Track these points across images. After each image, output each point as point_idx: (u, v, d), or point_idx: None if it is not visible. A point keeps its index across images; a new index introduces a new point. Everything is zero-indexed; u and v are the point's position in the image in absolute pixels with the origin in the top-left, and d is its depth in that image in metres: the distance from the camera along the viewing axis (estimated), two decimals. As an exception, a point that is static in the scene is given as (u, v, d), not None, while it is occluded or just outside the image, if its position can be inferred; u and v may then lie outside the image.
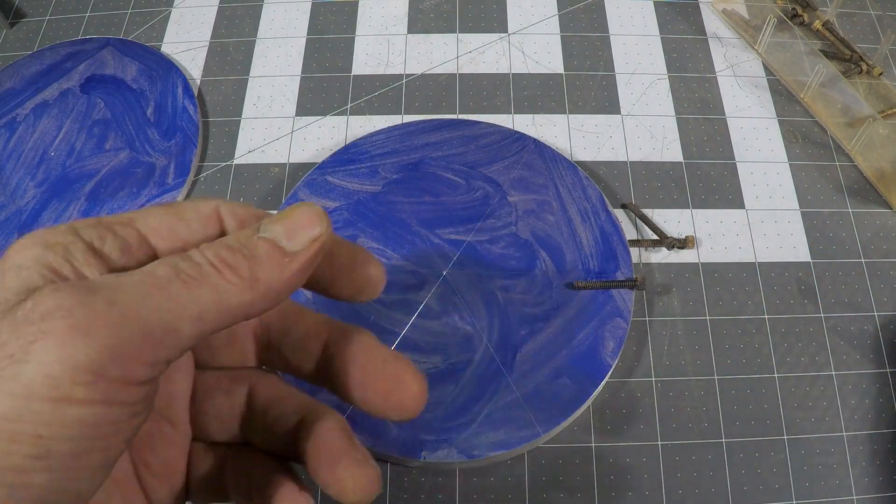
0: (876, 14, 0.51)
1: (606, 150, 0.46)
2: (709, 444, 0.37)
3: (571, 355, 0.37)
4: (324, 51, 0.50)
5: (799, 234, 0.43)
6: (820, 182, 0.45)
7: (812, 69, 0.46)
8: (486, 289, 0.39)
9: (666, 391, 0.38)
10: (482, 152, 0.43)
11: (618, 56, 0.50)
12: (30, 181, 0.45)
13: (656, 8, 0.52)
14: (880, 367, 0.39)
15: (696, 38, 0.51)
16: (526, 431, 0.36)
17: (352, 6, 0.52)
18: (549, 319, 0.38)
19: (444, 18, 0.52)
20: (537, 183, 0.42)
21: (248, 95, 0.48)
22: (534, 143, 0.44)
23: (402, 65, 0.49)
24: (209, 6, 0.53)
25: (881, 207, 0.44)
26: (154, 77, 0.48)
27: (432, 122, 0.45)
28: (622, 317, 0.38)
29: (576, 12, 0.52)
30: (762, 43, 0.49)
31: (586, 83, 0.48)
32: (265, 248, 0.17)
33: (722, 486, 0.36)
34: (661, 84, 0.48)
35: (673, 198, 0.44)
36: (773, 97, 0.48)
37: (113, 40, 0.50)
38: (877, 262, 0.42)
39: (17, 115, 0.47)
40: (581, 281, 0.39)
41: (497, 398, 0.36)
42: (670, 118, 0.47)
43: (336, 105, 0.48)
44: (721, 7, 0.52)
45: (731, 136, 0.46)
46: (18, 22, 0.53)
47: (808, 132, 0.47)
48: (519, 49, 0.50)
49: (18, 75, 0.49)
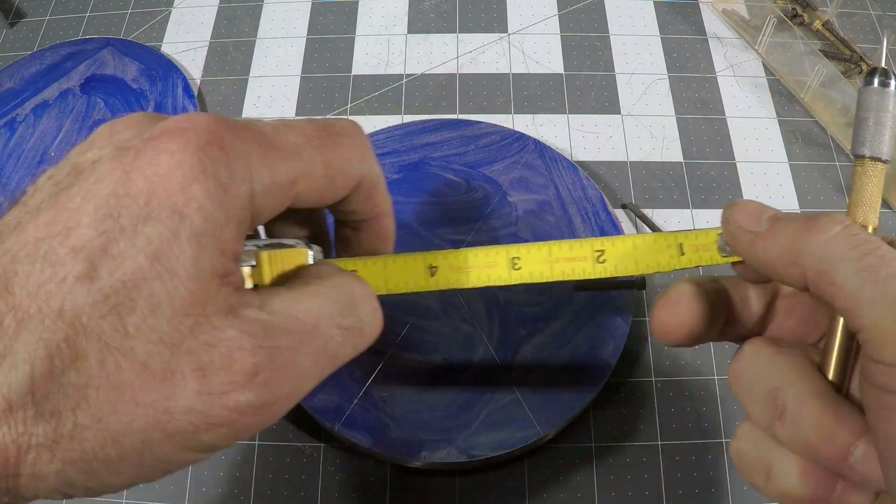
0: (876, 14, 0.51)
1: (606, 150, 0.46)
2: (709, 444, 0.37)
3: (571, 355, 0.37)
4: (324, 51, 0.50)
5: (799, 234, 0.43)
6: (820, 182, 0.45)
7: (812, 69, 0.46)
8: (486, 289, 0.39)
9: (666, 391, 0.38)
10: (482, 152, 0.43)
11: (618, 56, 0.50)
12: (30, 181, 0.45)
13: (656, 8, 0.52)
14: (880, 367, 0.39)
15: (696, 38, 0.51)
16: (526, 431, 0.36)
17: (352, 6, 0.52)
18: (549, 319, 0.38)
19: (444, 18, 0.52)
20: (537, 183, 0.42)
21: (248, 95, 0.48)
22: (534, 143, 0.44)
23: (402, 65, 0.49)
24: (209, 6, 0.53)
25: (881, 207, 0.44)
26: (154, 77, 0.48)
27: (432, 122, 0.45)
28: (622, 317, 0.38)
29: (576, 12, 0.52)
30: (762, 43, 0.49)
31: (586, 83, 0.48)
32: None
33: (722, 486, 0.36)
34: (661, 84, 0.48)
35: (673, 198, 0.44)
36: (773, 97, 0.48)
37: (113, 40, 0.51)
38: (877, 262, 0.42)
39: (18, 115, 0.47)
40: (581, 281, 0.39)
41: (497, 398, 0.36)
42: (670, 118, 0.47)
43: (336, 105, 0.48)
44: (721, 7, 0.52)
45: (731, 136, 0.46)
46: (18, 22, 0.53)
47: (808, 132, 0.47)
48: (519, 49, 0.50)
49: (18, 75, 0.49)
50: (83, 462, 0.18)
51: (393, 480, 0.37)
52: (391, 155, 0.43)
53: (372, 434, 0.36)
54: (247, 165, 0.20)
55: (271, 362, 0.19)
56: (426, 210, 0.42)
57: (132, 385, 0.18)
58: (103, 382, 0.18)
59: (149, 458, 0.19)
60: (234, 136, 0.20)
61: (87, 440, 0.18)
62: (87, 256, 0.18)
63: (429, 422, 0.36)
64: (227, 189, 0.19)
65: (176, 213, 0.19)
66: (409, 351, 0.38)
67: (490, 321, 0.39)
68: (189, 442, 0.19)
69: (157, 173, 0.19)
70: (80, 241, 0.18)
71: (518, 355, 0.38)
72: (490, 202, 0.42)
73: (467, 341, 0.38)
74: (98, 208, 0.19)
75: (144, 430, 0.18)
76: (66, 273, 0.18)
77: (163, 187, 0.19)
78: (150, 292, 0.18)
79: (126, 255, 0.18)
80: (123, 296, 0.18)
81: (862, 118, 0.24)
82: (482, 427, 0.36)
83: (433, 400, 0.37)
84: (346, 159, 0.23)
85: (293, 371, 0.20)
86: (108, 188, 0.19)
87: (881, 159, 0.23)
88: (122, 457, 0.19)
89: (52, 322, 0.18)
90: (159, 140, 0.19)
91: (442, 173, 0.43)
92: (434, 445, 0.35)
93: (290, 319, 0.20)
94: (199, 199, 0.19)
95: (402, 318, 0.39)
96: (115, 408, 0.18)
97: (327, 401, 0.37)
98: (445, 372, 0.37)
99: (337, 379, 0.37)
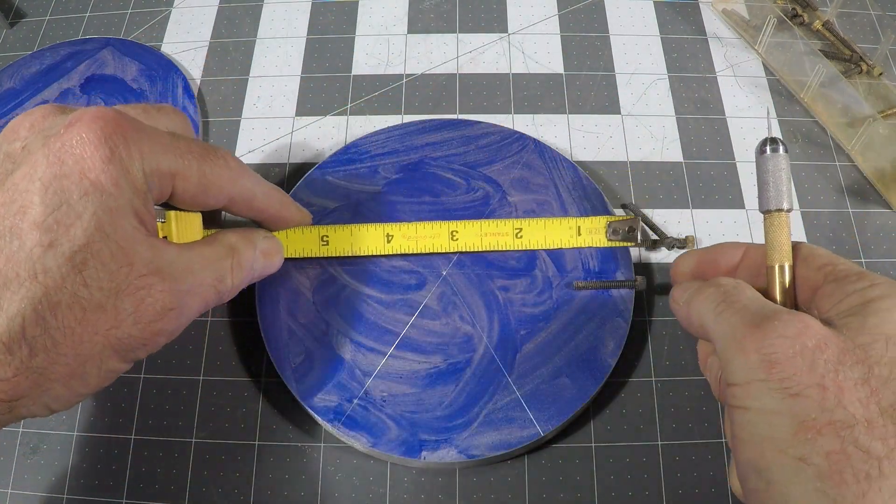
0: (876, 14, 0.51)
1: (606, 150, 0.46)
2: (709, 443, 0.37)
3: (571, 355, 0.37)
4: (324, 51, 0.50)
5: (799, 234, 0.43)
6: (820, 182, 0.45)
7: (812, 69, 0.46)
8: (486, 289, 0.39)
9: (666, 391, 0.38)
10: (482, 152, 0.43)
11: (618, 56, 0.50)
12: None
13: (656, 8, 0.52)
14: (880, 367, 0.39)
15: (696, 38, 0.51)
16: (526, 431, 0.36)
17: (352, 6, 0.52)
18: (549, 319, 0.38)
19: (444, 18, 0.52)
20: (537, 183, 0.42)
21: (248, 95, 0.48)
22: (534, 143, 0.44)
23: (402, 65, 0.49)
24: (209, 6, 0.53)
25: (881, 207, 0.44)
26: (154, 77, 0.48)
27: (432, 122, 0.45)
28: (622, 317, 0.38)
29: (576, 12, 0.52)
30: (762, 43, 0.49)
31: (586, 83, 0.48)
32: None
33: (722, 486, 0.36)
34: (661, 84, 0.48)
35: (673, 198, 0.44)
36: (773, 97, 0.48)
37: (113, 40, 0.51)
38: (877, 262, 0.42)
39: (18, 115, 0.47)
40: (581, 281, 0.39)
41: (497, 398, 0.36)
42: (670, 118, 0.47)
43: (336, 105, 0.48)
44: (721, 7, 0.52)
45: (731, 136, 0.46)
46: (18, 22, 0.53)
47: (808, 132, 0.47)
48: (519, 49, 0.50)
49: (18, 75, 0.49)
50: (63, 379, 0.25)
51: (393, 480, 0.37)
52: (391, 155, 0.43)
53: (372, 434, 0.36)
54: (139, 151, 0.27)
55: (178, 301, 0.28)
56: (426, 210, 0.42)
57: (93, 320, 0.25)
58: (73, 321, 0.25)
59: (103, 370, 0.27)
60: (132, 128, 0.27)
61: (68, 364, 0.25)
62: (47, 229, 0.24)
63: (429, 422, 0.36)
64: (128, 169, 0.26)
65: (99, 189, 0.25)
66: (409, 351, 0.38)
67: (490, 321, 0.39)
68: (127, 355, 0.27)
69: (82, 156, 0.25)
70: (38, 217, 0.24)
71: (518, 355, 0.38)
72: (490, 202, 0.42)
73: (467, 341, 0.38)
74: (45, 188, 0.25)
75: (101, 350, 0.26)
76: (33, 244, 0.24)
77: (88, 168, 0.25)
78: (97, 251, 0.25)
79: (75, 225, 0.25)
80: (79, 257, 0.25)
81: (763, 180, 0.29)
82: (482, 427, 0.36)
83: (433, 400, 0.37)
84: (218, 175, 0.30)
85: (188, 308, 0.29)
86: (49, 171, 0.25)
87: (783, 209, 0.29)
88: (87, 371, 0.26)
89: (30, 283, 0.24)
90: (78, 128, 0.25)
91: (442, 173, 0.43)
92: (434, 445, 0.35)
93: (189, 273, 0.29)
94: (112, 176, 0.25)
95: (402, 318, 0.39)
96: (82, 338, 0.25)
97: (327, 401, 0.37)
98: (445, 372, 0.37)
99: (337, 379, 0.37)
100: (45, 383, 0.25)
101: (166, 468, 0.37)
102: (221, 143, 0.47)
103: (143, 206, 0.27)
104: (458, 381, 0.37)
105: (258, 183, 0.33)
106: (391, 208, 0.42)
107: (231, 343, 0.40)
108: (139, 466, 0.37)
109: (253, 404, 0.38)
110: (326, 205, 0.42)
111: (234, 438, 0.38)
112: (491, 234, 0.39)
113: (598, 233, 0.39)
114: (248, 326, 0.40)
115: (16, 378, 0.24)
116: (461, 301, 0.39)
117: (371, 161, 0.43)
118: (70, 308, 0.25)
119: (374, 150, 0.44)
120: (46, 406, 0.26)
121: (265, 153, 0.46)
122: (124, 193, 0.26)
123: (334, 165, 0.43)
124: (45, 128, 0.27)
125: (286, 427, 0.38)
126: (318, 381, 0.37)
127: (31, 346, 0.24)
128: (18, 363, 0.24)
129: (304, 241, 0.39)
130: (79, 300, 0.25)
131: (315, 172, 0.43)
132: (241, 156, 0.46)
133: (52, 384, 0.25)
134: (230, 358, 0.40)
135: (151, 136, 0.27)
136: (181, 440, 0.38)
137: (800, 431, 0.22)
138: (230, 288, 0.32)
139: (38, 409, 0.26)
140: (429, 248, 0.39)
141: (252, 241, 0.34)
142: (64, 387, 0.26)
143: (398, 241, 0.39)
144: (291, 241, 0.39)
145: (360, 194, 0.42)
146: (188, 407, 0.38)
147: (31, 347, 0.24)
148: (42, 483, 0.37)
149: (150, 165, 0.27)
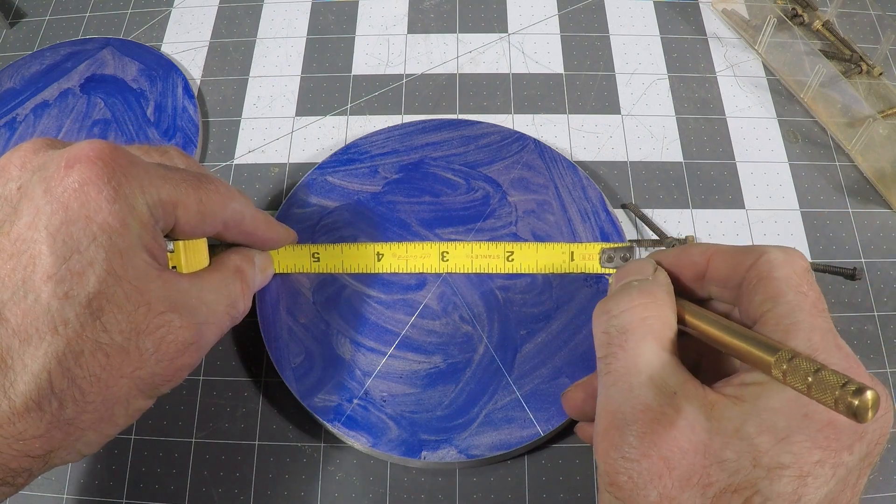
0: (876, 14, 0.51)
1: (606, 150, 0.46)
2: (709, 444, 0.37)
3: (571, 355, 0.37)
4: (324, 51, 0.50)
5: (799, 234, 0.43)
6: (820, 182, 0.45)
7: (812, 69, 0.46)
8: (486, 289, 0.39)
9: (666, 391, 0.38)
10: (482, 152, 0.43)
11: (618, 56, 0.50)
12: None
13: (656, 8, 0.52)
14: (880, 367, 0.39)
15: (696, 38, 0.51)
16: (526, 431, 0.36)
17: (352, 6, 0.52)
18: (549, 319, 0.38)
19: (444, 18, 0.52)
20: (537, 183, 0.42)
21: (248, 95, 0.48)
22: (534, 143, 0.44)
23: (402, 65, 0.49)
24: (209, 6, 0.53)
25: (881, 207, 0.44)
26: (154, 77, 0.48)
27: (432, 122, 0.45)
28: (622, 317, 0.38)
29: (576, 12, 0.52)
30: (762, 43, 0.49)
31: (586, 83, 0.48)
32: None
33: (722, 486, 0.36)
34: (661, 84, 0.48)
35: (673, 198, 0.44)
36: (773, 97, 0.48)
37: (113, 40, 0.51)
38: (877, 262, 0.42)
39: (17, 115, 0.47)
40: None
41: (497, 398, 0.36)
42: (670, 118, 0.47)
43: (336, 105, 0.48)
44: (721, 7, 0.52)
45: (731, 136, 0.46)
46: (18, 22, 0.53)
47: (808, 132, 0.47)
48: (519, 49, 0.50)
49: (18, 75, 0.49)
50: (94, 425, 0.26)
51: (393, 480, 0.37)
52: (391, 155, 0.43)
53: (372, 434, 0.36)
54: (140, 185, 0.26)
55: (198, 334, 0.28)
56: (426, 210, 0.42)
57: (118, 364, 0.25)
58: (98, 368, 0.25)
59: (131, 410, 0.27)
60: (129, 162, 0.26)
61: (97, 410, 0.25)
62: (60, 280, 0.24)
63: (429, 422, 0.36)
64: (133, 206, 0.26)
65: (107, 231, 0.25)
66: (409, 351, 0.38)
67: (490, 321, 0.39)
68: (153, 392, 0.28)
69: (86, 200, 0.25)
70: (49, 269, 0.24)
71: (518, 355, 0.38)
72: (490, 202, 0.42)
73: (467, 341, 0.38)
74: (52, 237, 0.24)
75: (128, 392, 0.26)
76: (49, 297, 0.24)
77: (94, 210, 0.25)
78: (111, 296, 0.25)
79: (88, 273, 0.24)
80: (96, 303, 0.24)
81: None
82: (482, 427, 0.36)
83: (433, 400, 0.36)
84: (212, 201, 0.30)
85: (206, 340, 0.29)
86: (54, 218, 0.24)
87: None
88: (115, 413, 0.26)
89: (51, 336, 0.24)
90: (79, 170, 0.25)
91: (442, 173, 0.43)
92: (434, 445, 0.35)
93: (203, 304, 0.29)
94: (119, 216, 0.25)
95: (403, 317, 0.39)
96: (108, 383, 0.25)
97: (327, 401, 0.37)
98: (445, 372, 0.37)
99: (337, 379, 0.37)
100: (76, 432, 0.25)
101: (166, 468, 0.37)
102: (221, 143, 0.47)
103: (152, 239, 0.27)
104: (458, 381, 0.37)
105: (246, 205, 0.33)
106: (391, 208, 0.42)
107: (231, 343, 0.40)
108: (139, 466, 0.37)
109: (253, 404, 0.39)
110: (326, 205, 0.42)
111: (234, 438, 0.38)
112: (482, 257, 0.39)
113: (592, 259, 0.39)
114: (248, 326, 0.40)
115: (49, 433, 0.24)
116: (461, 301, 0.39)
117: (371, 161, 0.43)
118: (93, 355, 0.25)
119: (374, 150, 0.44)
120: (79, 452, 0.27)
121: (265, 153, 0.46)
122: (132, 231, 0.26)
123: (334, 165, 0.43)
124: (38, 165, 0.26)
125: (286, 427, 0.38)
126: (318, 381, 0.37)
127: (61, 399, 0.24)
128: (50, 418, 0.24)
129: (296, 258, 0.39)
130: (101, 346, 0.25)
131: (315, 172, 0.43)
132: (241, 156, 0.46)
133: (84, 432, 0.26)
134: (230, 358, 0.40)
135: (147, 168, 0.27)
136: (181, 440, 0.38)
137: None
138: (242, 312, 0.33)
139: (72, 455, 0.26)
140: (419, 268, 0.39)
141: (251, 258, 0.34)
142: (95, 432, 0.26)
143: (388, 260, 0.39)
144: (283, 257, 0.39)
145: (360, 194, 0.42)
146: (188, 407, 0.38)
147: (61, 400, 0.24)
148: (42, 483, 0.37)
149: (153, 198, 0.27)
